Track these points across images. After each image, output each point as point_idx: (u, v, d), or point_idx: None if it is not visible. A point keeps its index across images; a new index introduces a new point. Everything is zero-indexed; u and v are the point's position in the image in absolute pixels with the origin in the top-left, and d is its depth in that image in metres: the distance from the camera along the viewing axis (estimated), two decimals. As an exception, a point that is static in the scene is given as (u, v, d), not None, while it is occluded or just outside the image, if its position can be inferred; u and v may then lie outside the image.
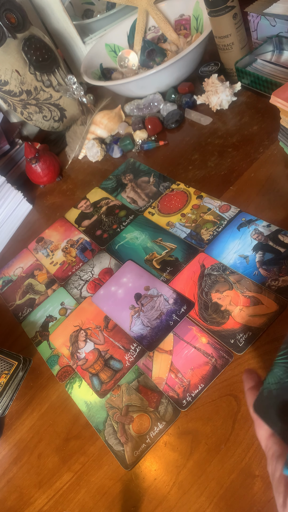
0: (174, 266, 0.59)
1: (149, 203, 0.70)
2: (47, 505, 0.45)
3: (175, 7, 0.96)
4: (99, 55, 0.99)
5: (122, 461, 0.45)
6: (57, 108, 0.94)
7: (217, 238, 0.59)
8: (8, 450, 0.52)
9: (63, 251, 0.72)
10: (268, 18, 0.75)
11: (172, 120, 0.81)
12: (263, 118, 0.71)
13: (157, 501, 0.41)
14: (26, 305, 0.67)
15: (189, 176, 0.70)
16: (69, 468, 0.47)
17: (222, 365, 0.47)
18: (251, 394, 0.35)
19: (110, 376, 0.52)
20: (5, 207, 0.80)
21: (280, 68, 0.74)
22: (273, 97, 0.53)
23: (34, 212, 0.84)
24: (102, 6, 1.15)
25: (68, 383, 0.54)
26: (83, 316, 0.60)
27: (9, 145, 0.89)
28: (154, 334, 0.53)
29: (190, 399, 0.46)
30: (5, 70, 0.84)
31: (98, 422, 0.49)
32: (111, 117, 0.88)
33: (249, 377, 0.36)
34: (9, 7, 0.81)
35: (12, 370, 0.55)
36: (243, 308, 0.50)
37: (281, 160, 0.63)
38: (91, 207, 0.77)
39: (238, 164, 0.67)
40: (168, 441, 0.44)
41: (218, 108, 0.78)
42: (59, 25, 1.03)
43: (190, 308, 0.53)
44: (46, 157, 0.84)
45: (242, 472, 0.39)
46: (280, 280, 0.50)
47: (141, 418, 0.47)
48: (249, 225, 0.58)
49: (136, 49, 1.00)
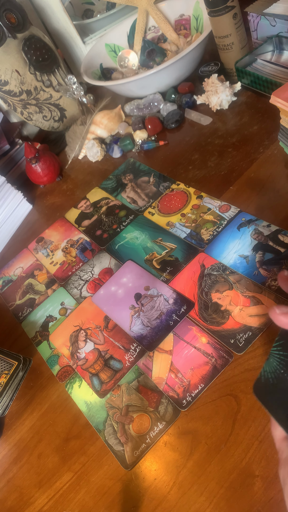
0: (174, 266, 0.59)
1: (149, 203, 0.70)
2: (47, 505, 0.45)
3: (175, 7, 0.96)
4: (99, 55, 0.99)
5: (122, 461, 0.45)
6: (57, 108, 0.94)
7: (217, 238, 0.59)
8: (8, 450, 0.52)
9: (63, 251, 0.72)
10: (268, 18, 0.75)
11: (172, 120, 0.81)
12: (263, 118, 0.71)
13: (157, 501, 0.41)
14: (26, 305, 0.67)
15: (189, 176, 0.70)
16: (69, 468, 0.47)
17: (222, 365, 0.47)
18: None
19: (110, 376, 0.52)
20: (5, 207, 0.80)
21: (280, 68, 0.74)
22: (273, 97, 0.53)
23: (34, 212, 0.84)
24: (102, 6, 1.15)
25: (68, 383, 0.54)
26: (83, 316, 0.60)
27: (9, 145, 0.89)
28: (154, 334, 0.53)
29: (190, 399, 0.46)
30: (5, 70, 0.84)
31: (98, 422, 0.49)
32: (111, 117, 0.88)
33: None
34: (9, 7, 0.81)
35: (12, 370, 0.55)
36: (243, 308, 0.50)
37: (281, 160, 0.63)
38: (91, 207, 0.77)
39: (238, 164, 0.67)
40: (168, 441, 0.44)
41: (218, 108, 0.78)
42: (59, 25, 1.03)
43: (190, 308, 0.53)
44: (46, 157, 0.84)
45: (242, 472, 0.39)
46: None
47: (141, 418, 0.47)
48: (249, 225, 0.58)
49: (136, 49, 1.00)
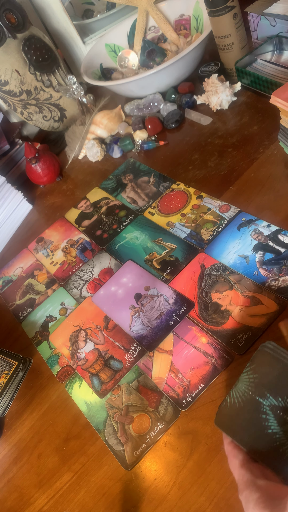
0: (174, 266, 0.59)
1: (149, 203, 0.70)
2: (47, 505, 0.45)
3: (175, 7, 0.96)
4: (99, 55, 0.99)
5: (122, 461, 0.45)
6: (57, 108, 0.94)
7: (217, 238, 0.59)
8: (8, 450, 0.52)
9: (63, 251, 0.72)
10: (268, 18, 0.75)
11: (172, 120, 0.81)
12: (263, 118, 0.71)
13: (157, 501, 0.41)
14: (26, 305, 0.67)
15: (189, 176, 0.70)
16: (69, 468, 0.47)
17: (222, 365, 0.47)
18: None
19: (110, 376, 0.52)
20: (5, 207, 0.80)
21: (280, 68, 0.74)
22: (273, 97, 0.53)
23: (34, 212, 0.84)
24: (102, 6, 1.15)
25: (68, 383, 0.54)
26: (83, 316, 0.60)
27: (9, 145, 0.89)
28: (154, 334, 0.53)
29: (190, 399, 0.46)
30: (5, 70, 0.84)
31: (98, 422, 0.49)
32: (111, 117, 0.88)
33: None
34: (9, 7, 0.81)
35: (12, 370, 0.55)
36: (243, 308, 0.50)
37: (281, 160, 0.63)
38: (91, 207, 0.77)
39: (238, 164, 0.67)
40: (168, 441, 0.44)
41: (218, 108, 0.78)
42: (59, 25, 1.03)
43: (190, 308, 0.53)
44: (46, 157, 0.84)
45: (242, 472, 0.39)
46: (280, 280, 0.50)
47: (141, 418, 0.47)
48: (249, 225, 0.58)
49: (136, 49, 1.00)
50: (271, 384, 0.36)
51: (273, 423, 0.34)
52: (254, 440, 0.34)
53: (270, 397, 0.35)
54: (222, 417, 0.37)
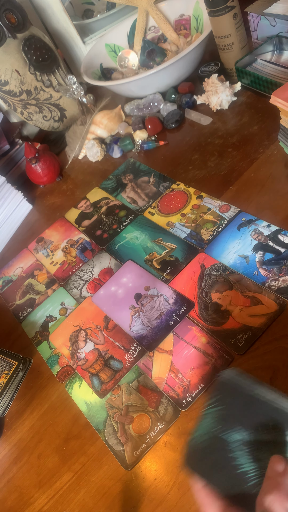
0: (174, 266, 0.59)
1: (149, 203, 0.70)
2: (47, 505, 0.45)
3: (175, 7, 0.96)
4: (99, 55, 0.99)
5: (122, 461, 0.45)
6: (57, 108, 0.94)
7: (217, 238, 0.59)
8: (8, 450, 0.52)
9: (63, 251, 0.72)
10: (268, 18, 0.75)
11: (172, 120, 0.81)
12: (263, 118, 0.71)
13: (157, 501, 0.41)
14: (26, 305, 0.67)
15: (189, 176, 0.70)
16: (69, 468, 0.47)
17: (222, 365, 0.47)
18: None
19: (110, 376, 0.52)
20: (5, 207, 0.80)
21: (280, 68, 0.74)
22: (273, 97, 0.53)
23: (34, 212, 0.84)
24: (102, 6, 1.15)
25: (68, 383, 0.54)
26: (83, 316, 0.60)
27: (9, 145, 0.89)
28: (154, 334, 0.53)
29: (190, 399, 0.46)
30: (5, 70, 0.84)
31: (98, 422, 0.49)
32: (111, 117, 0.88)
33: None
34: (9, 7, 0.81)
35: (12, 370, 0.55)
36: (243, 308, 0.50)
37: (281, 160, 0.63)
38: (91, 207, 0.77)
39: (238, 164, 0.67)
40: (168, 441, 0.44)
41: (218, 108, 0.78)
42: (59, 25, 1.03)
43: (190, 308, 0.53)
44: (46, 157, 0.84)
45: (242, 472, 0.39)
46: (280, 280, 0.50)
47: (141, 418, 0.47)
48: (249, 225, 0.58)
49: (136, 49, 1.00)
50: (236, 416, 0.32)
51: (241, 461, 0.31)
52: (228, 482, 0.30)
53: (235, 432, 0.31)
54: (192, 456, 0.32)
